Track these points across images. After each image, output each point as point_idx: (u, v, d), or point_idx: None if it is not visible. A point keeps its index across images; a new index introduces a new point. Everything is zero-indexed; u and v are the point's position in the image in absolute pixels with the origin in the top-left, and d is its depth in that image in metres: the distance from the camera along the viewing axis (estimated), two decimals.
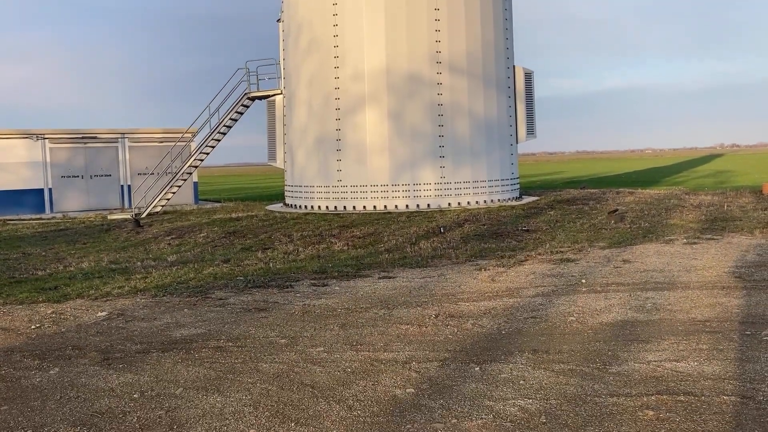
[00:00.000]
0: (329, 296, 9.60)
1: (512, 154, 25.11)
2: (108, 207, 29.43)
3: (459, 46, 22.89)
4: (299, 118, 24.48)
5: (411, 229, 17.00)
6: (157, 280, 11.16)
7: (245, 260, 13.23)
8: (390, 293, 9.68)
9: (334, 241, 15.46)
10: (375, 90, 22.67)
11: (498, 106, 24.10)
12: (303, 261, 12.94)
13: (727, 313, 7.87)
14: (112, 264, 13.41)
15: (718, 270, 10.62)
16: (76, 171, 29.20)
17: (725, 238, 14.16)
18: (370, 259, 12.95)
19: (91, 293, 10.29)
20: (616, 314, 8.01)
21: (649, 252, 12.64)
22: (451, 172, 22.91)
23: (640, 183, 38.82)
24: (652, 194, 25.66)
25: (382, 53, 22.55)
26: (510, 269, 11.32)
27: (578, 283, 9.98)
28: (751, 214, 17.89)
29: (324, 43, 23.19)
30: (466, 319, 7.99)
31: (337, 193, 23.22)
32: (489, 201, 23.51)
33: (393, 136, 22.73)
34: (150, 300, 9.71)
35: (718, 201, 21.71)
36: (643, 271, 10.70)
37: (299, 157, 24.61)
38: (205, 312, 8.84)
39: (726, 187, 29.55)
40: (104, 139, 29.84)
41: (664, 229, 15.66)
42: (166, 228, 19.85)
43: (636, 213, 18.93)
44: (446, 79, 22.71)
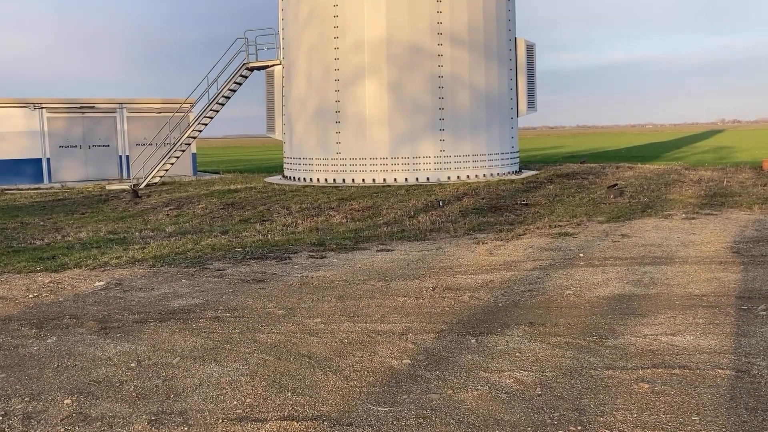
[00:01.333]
0: (327, 268, 9.60)
1: (512, 127, 24.99)
2: (106, 177, 29.35)
3: (460, 17, 22.64)
4: (298, 89, 24.30)
5: (410, 202, 16.97)
6: (155, 251, 11.16)
7: (243, 232, 13.22)
8: (388, 266, 9.69)
9: (332, 214, 15.44)
10: (375, 61, 22.47)
11: (499, 78, 23.91)
12: (301, 233, 12.93)
13: (724, 288, 7.88)
14: (110, 234, 13.40)
15: (716, 245, 10.62)
16: (74, 141, 29.06)
17: (724, 213, 14.15)
18: (369, 232, 12.94)
19: (89, 263, 10.28)
20: (614, 288, 8.02)
21: (647, 227, 12.64)
22: (450, 145, 22.81)
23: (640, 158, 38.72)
24: (652, 169, 25.60)
25: (382, 23, 22.31)
26: (508, 243, 11.32)
27: (576, 257, 9.98)
28: (750, 190, 17.86)
29: (324, 12, 22.92)
30: (463, 292, 8.00)
31: (336, 166, 23.14)
32: (488, 175, 23.45)
33: (393, 109, 22.59)
34: (148, 270, 9.71)
35: (717, 176, 21.66)
36: (641, 246, 10.70)
37: (298, 128, 24.48)
38: (203, 283, 8.84)
39: (726, 163, 29.47)
40: (102, 109, 29.64)
41: (663, 204, 15.64)
42: (165, 199, 19.81)
43: (635, 188, 18.89)
44: (447, 51, 22.50)
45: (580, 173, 23.99)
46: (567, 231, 12.31)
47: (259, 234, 12.87)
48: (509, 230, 12.59)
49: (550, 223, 13.37)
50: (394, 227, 13.37)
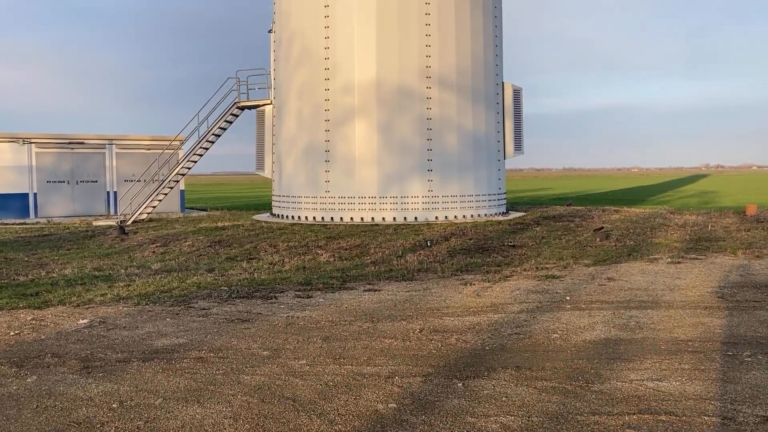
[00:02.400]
0: (313, 308, 9.56)
1: (500, 169, 25.22)
2: (93, 213, 29.21)
3: (449, 61, 23.02)
4: (288, 128, 24.47)
5: (398, 241, 16.99)
6: (140, 289, 11.07)
7: (230, 270, 13.15)
8: (375, 306, 9.65)
9: (320, 253, 15.42)
10: (365, 102, 22.72)
11: (486, 121, 24.22)
12: (288, 272, 12.89)
13: (709, 333, 7.91)
14: (95, 271, 13.29)
15: (702, 290, 10.69)
16: (62, 176, 28.99)
17: (709, 258, 14.27)
18: (356, 271, 12.92)
19: (73, 300, 10.18)
20: (600, 332, 8.03)
21: (633, 270, 12.71)
22: (438, 185, 22.96)
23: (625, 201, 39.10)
24: (638, 213, 25.83)
25: (372, 66, 22.63)
26: (495, 284, 11.33)
27: (563, 300, 10.00)
28: (734, 235, 18.04)
29: (315, 54, 23.24)
30: (450, 334, 7.97)
31: (325, 204, 23.19)
32: (476, 215, 23.57)
33: (382, 149, 22.77)
34: (132, 308, 9.62)
35: (702, 221, 21.89)
36: (628, 290, 10.75)
37: (287, 167, 24.58)
38: (188, 322, 8.76)
39: (710, 208, 29.80)
40: (91, 144, 29.67)
41: (649, 248, 15.75)
42: (152, 236, 19.71)
43: (621, 231, 19.04)
44: (436, 94, 22.81)
45: (567, 216, 24.17)
46: (554, 273, 12.35)
47: (245, 272, 12.81)
48: (496, 272, 12.61)
49: (537, 265, 13.41)
50: (381, 267, 13.35)
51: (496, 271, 12.74)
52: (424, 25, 22.62)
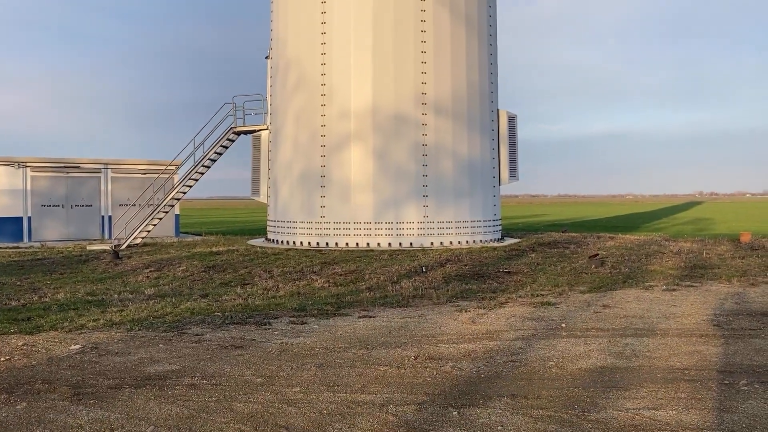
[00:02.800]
0: (308, 335, 9.49)
1: (495, 195, 25.28)
2: (88, 237, 29.10)
3: (444, 88, 23.20)
4: (284, 153, 24.54)
5: (393, 267, 16.95)
6: (133, 314, 10.98)
7: (224, 295, 13.08)
8: (369, 333, 9.59)
9: (314, 278, 15.36)
10: (361, 128, 22.83)
11: (481, 148, 24.34)
12: (282, 298, 12.82)
13: (705, 362, 7.87)
14: (88, 296, 13.20)
15: (697, 317, 10.66)
16: (56, 200, 28.93)
17: (704, 285, 14.26)
18: (351, 297, 12.87)
19: (65, 325, 10.09)
20: (596, 360, 7.99)
21: (629, 298, 12.69)
22: (434, 211, 22.99)
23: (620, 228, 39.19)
24: (633, 240, 25.87)
25: (368, 93, 22.78)
26: (491, 311, 11.28)
27: (558, 327, 9.96)
28: (729, 263, 18.06)
29: (312, 80, 23.40)
30: (445, 362, 7.92)
31: (320, 230, 23.17)
32: (471, 241, 23.57)
33: (377, 174, 22.83)
34: (125, 334, 9.54)
35: (697, 248, 21.93)
36: (623, 317, 10.72)
37: (283, 192, 24.60)
38: (181, 348, 8.69)
39: (705, 235, 29.88)
40: (87, 169, 29.67)
41: (644, 275, 15.75)
42: (146, 260, 19.63)
43: (616, 258, 19.04)
44: (431, 120, 22.95)
45: (562, 242, 24.18)
46: (549, 300, 12.31)
47: (239, 298, 12.74)
48: (492, 298, 12.57)
49: (532, 291, 13.38)
50: (376, 293, 13.30)
51: (491, 297, 12.71)
52: (419, 52, 22.83)
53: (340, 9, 23.03)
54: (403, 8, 22.84)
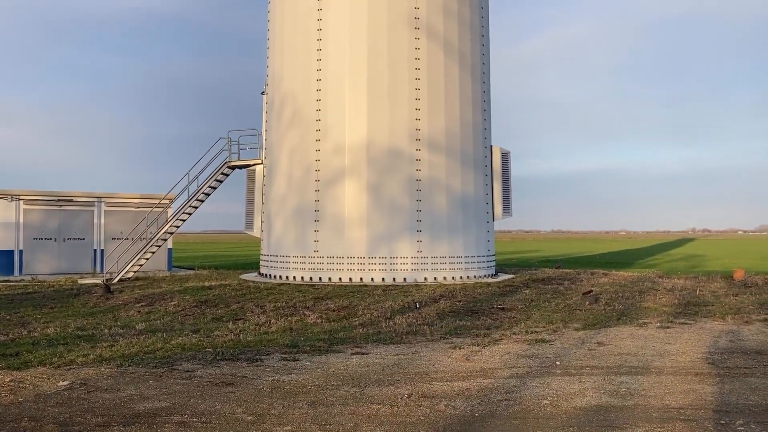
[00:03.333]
0: (300, 372, 9.38)
1: (488, 231, 25.32)
2: (79, 271, 28.90)
3: (438, 124, 23.39)
4: (278, 188, 24.58)
5: (386, 303, 16.86)
6: (123, 349, 10.85)
7: (215, 331, 12.96)
8: (362, 370, 9.49)
9: (307, 314, 15.25)
10: (355, 163, 22.94)
11: (475, 183, 24.46)
12: (275, 333, 12.71)
13: (701, 401, 7.81)
14: (78, 330, 13.06)
15: (692, 355, 10.61)
16: (49, 233, 28.80)
17: (698, 323, 14.23)
18: (344, 333, 12.77)
19: (54, 361, 9.95)
20: (590, 398, 7.91)
21: (623, 335, 12.63)
22: (427, 246, 22.97)
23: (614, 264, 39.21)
24: (626, 276, 25.87)
25: (363, 128, 22.94)
26: (485, 348, 11.20)
27: (553, 365, 9.89)
28: (722, 300, 18.06)
29: (307, 116, 23.57)
30: (439, 400, 7.83)
31: (314, 264, 23.09)
32: (465, 277, 23.52)
33: (371, 209, 22.86)
34: (115, 370, 9.41)
35: (690, 285, 21.93)
36: (618, 355, 10.65)
37: (277, 226, 24.57)
38: (171, 384, 8.57)
39: (698, 272, 29.92)
40: (80, 202, 29.61)
41: (638, 312, 15.71)
42: (137, 295, 19.48)
43: (610, 295, 19.01)
44: (425, 156, 23.08)
45: (556, 278, 24.16)
46: (543, 337, 12.24)
47: (231, 333, 12.62)
48: (486, 335, 12.50)
49: (526, 328, 13.31)
50: (369, 329, 13.20)
51: (485, 334, 12.63)
52: (413, 88, 23.08)
53: (336, 46, 23.33)
54: (397, 46, 23.15)
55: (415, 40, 23.18)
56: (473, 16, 24.85)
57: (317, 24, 23.58)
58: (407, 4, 23.26)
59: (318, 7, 23.61)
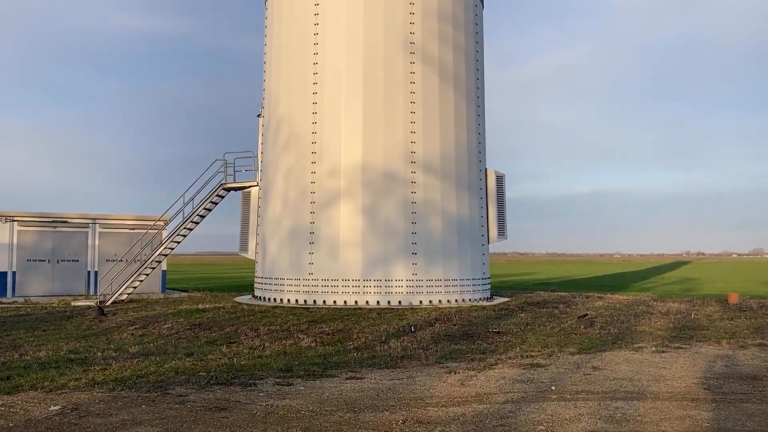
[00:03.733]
0: (293, 397, 9.31)
1: (484, 254, 25.32)
2: (73, 293, 28.74)
3: (433, 147, 23.49)
4: (274, 210, 24.58)
5: (381, 326, 16.79)
6: (116, 373, 10.77)
7: (209, 354, 12.87)
8: (357, 395, 9.43)
9: (301, 337, 15.18)
10: (350, 185, 22.97)
11: (470, 206, 24.51)
12: (268, 357, 12.63)
13: (697, 427, 7.78)
14: (71, 353, 12.95)
15: (687, 381, 10.58)
16: (42, 255, 28.68)
17: (693, 347, 14.21)
18: (338, 357, 12.69)
19: (46, 385, 9.86)
20: (586, 424, 7.87)
21: (618, 359, 12.59)
22: (423, 269, 22.94)
23: (609, 287, 39.22)
24: (621, 300, 25.85)
25: (358, 151, 23.02)
26: (480, 373, 11.15)
27: (548, 389, 9.84)
28: (717, 324, 18.05)
29: (302, 139, 23.64)
30: (434, 426, 7.77)
31: (308, 287, 23.02)
32: (460, 300, 23.46)
33: (366, 232, 22.85)
34: (107, 394, 9.33)
35: (685, 309, 21.92)
36: (613, 380, 10.61)
37: (271, 248, 24.53)
38: (164, 409, 8.49)
39: (693, 295, 29.93)
40: (75, 223, 29.53)
41: (633, 336, 15.68)
42: (131, 317, 19.37)
43: (605, 318, 18.99)
44: (420, 178, 23.15)
45: (551, 302, 24.12)
46: (539, 362, 12.20)
47: (224, 357, 12.54)
48: (481, 359, 12.44)
49: (521, 352, 13.27)
50: (364, 353, 13.14)
51: (480, 358, 12.57)
52: (409, 112, 23.21)
53: (332, 69, 23.48)
54: (393, 69, 23.32)
55: (410, 64, 23.36)
56: (468, 40, 25.09)
57: (314, 48, 23.76)
58: (403, 29, 23.48)
59: (315, 31, 23.81)
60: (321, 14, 23.82)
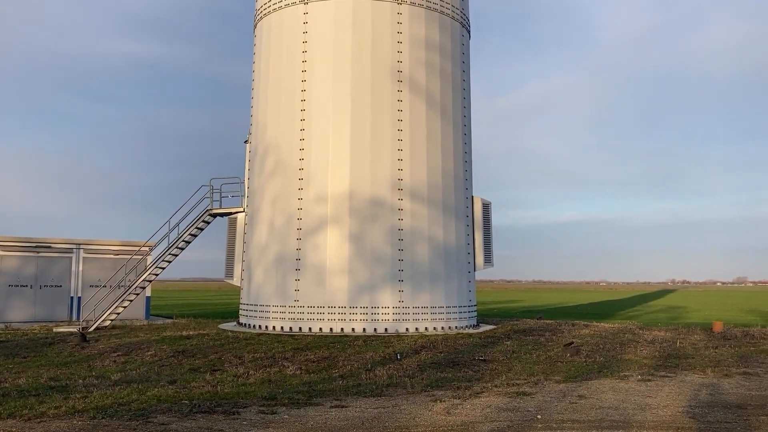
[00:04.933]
0: (277, 426, 9.20)
1: (470, 281, 25.32)
2: (55, 319, 28.38)
3: (420, 174, 23.60)
4: (260, 236, 24.51)
5: (367, 354, 16.69)
6: (97, 401, 10.60)
7: (192, 382, 12.72)
8: (342, 424, 9.34)
9: (286, 365, 15.04)
10: (337, 212, 22.98)
11: (457, 233, 24.56)
12: (253, 385, 12.50)
13: None
14: (51, 381, 12.75)
15: (673, 409, 10.58)
16: (24, 280, 28.35)
17: (678, 375, 14.22)
18: (323, 385, 12.59)
19: (25, 413, 9.69)
20: None
21: (604, 388, 12.58)
22: (409, 296, 22.89)
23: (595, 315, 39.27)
24: (607, 328, 25.88)
25: (346, 177, 23.07)
26: (466, 401, 11.09)
27: (534, 418, 9.80)
28: (702, 352, 18.10)
29: (289, 165, 23.68)
30: None
31: (294, 314, 22.87)
32: (447, 327, 23.39)
33: (353, 258, 22.81)
34: (87, 422, 9.17)
35: (670, 337, 21.98)
36: (599, 408, 10.59)
37: (257, 275, 24.39)
38: None
39: (678, 324, 30.02)
40: (58, 248, 29.27)
41: (619, 365, 15.68)
42: (113, 344, 19.12)
43: (591, 347, 18.99)
44: (407, 205, 23.21)
45: (537, 330, 24.11)
46: (525, 390, 12.16)
47: (208, 385, 12.39)
48: (467, 387, 12.38)
49: (507, 381, 13.22)
50: (349, 381, 13.04)
51: (466, 387, 12.51)
52: (396, 140, 23.34)
53: (319, 96, 23.63)
54: (380, 97, 23.50)
55: (397, 92, 23.56)
56: (455, 69, 25.37)
57: (301, 75, 23.92)
58: (390, 58, 23.72)
59: (302, 58, 24.00)
60: (309, 42, 24.04)
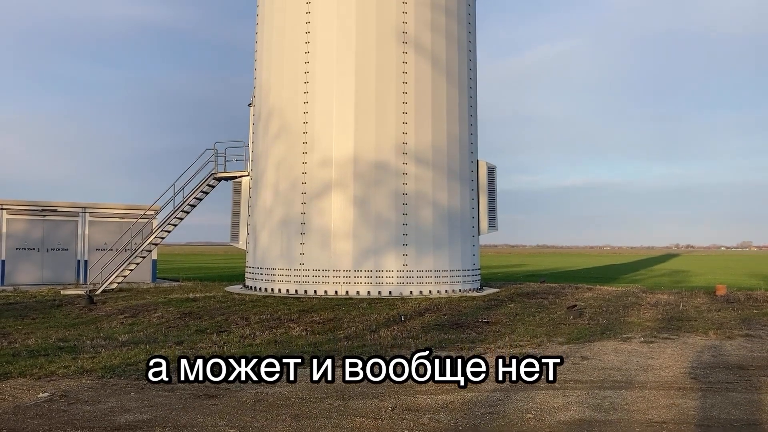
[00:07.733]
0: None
1: (474, 245, 25.38)
2: (63, 282, 28.62)
3: (425, 138, 23.48)
4: (265, 200, 24.54)
5: (372, 316, 16.83)
6: (105, 361, 10.75)
7: (199, 343, 12.87)
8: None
9: (292, 326, 15.19)
10: (342, 176, 22.95)
11: (461, 197, 24.54)
12: (259, 346, 12.64)
13: (683, 415, 7.85)
14: (59, 341, 12.92)
15: (675, 370, 10.67)
16: (32, 243, 28.53)
17: (681, 338, 14.32)
18: (329, 346, 12.72)
19: (35, 372, 9.84)
20: (574, 413, 7.93)
21: (607, 349, 12.68)
22: (413, 260, 22.98)
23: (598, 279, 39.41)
24: (610, 291, 26.00)
25: (350, 142, 22.98)
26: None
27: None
28: (705, 315, 18.19)
29: (294, 129, 23.58)
30: (423, 413, 7.81)
31: (299, 277, 23.02)
32: (450, 291, 23.53)
33: (358, 222, 22.86)
34: (96, 381, 9.32)
35: (674, 300, 22.07)
36: (601, 369, 10.69)
37: (262, 238, 24.50)
38: (153, 397, 8.49)
39: (681, 287, 30.13)
40: (64, 212, 29.37)
41: (622, 327, 15.78)
42: (121, 306, 19.32)
43: (594, 309, 19.09)
44: (412, 170, 23.15)
45: (540, 293, 24.23)
46: (528, 351, 12.26)
47: (214, 345, 12.53)
48: (470, 348, 12.49)
49: (510, 342, 13.33)
50: (354, 342, 13.16)
51: (470, 348, 12.63)
52: (401, 102, 23.17)
53: (323, 59, 23.41)
54: (385, 60, 23.26)
55: (402, 54, 23.31)
56: (461, 31, 25.05)
57: (305, 37, 23.66)
58: (395, 19, 23.42)
59: (306, 20, 23.72)
60: (313, 3, 23.72)
